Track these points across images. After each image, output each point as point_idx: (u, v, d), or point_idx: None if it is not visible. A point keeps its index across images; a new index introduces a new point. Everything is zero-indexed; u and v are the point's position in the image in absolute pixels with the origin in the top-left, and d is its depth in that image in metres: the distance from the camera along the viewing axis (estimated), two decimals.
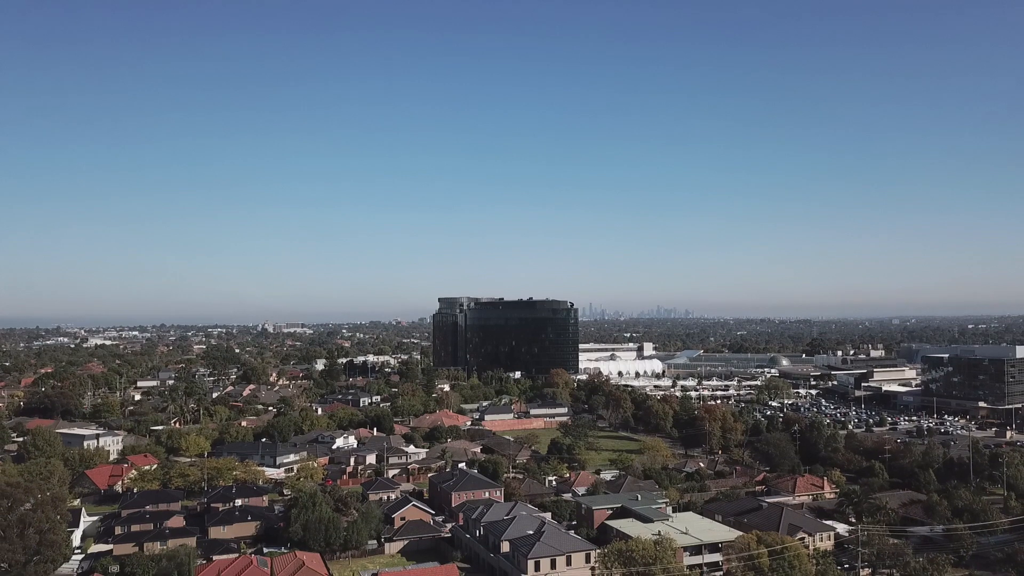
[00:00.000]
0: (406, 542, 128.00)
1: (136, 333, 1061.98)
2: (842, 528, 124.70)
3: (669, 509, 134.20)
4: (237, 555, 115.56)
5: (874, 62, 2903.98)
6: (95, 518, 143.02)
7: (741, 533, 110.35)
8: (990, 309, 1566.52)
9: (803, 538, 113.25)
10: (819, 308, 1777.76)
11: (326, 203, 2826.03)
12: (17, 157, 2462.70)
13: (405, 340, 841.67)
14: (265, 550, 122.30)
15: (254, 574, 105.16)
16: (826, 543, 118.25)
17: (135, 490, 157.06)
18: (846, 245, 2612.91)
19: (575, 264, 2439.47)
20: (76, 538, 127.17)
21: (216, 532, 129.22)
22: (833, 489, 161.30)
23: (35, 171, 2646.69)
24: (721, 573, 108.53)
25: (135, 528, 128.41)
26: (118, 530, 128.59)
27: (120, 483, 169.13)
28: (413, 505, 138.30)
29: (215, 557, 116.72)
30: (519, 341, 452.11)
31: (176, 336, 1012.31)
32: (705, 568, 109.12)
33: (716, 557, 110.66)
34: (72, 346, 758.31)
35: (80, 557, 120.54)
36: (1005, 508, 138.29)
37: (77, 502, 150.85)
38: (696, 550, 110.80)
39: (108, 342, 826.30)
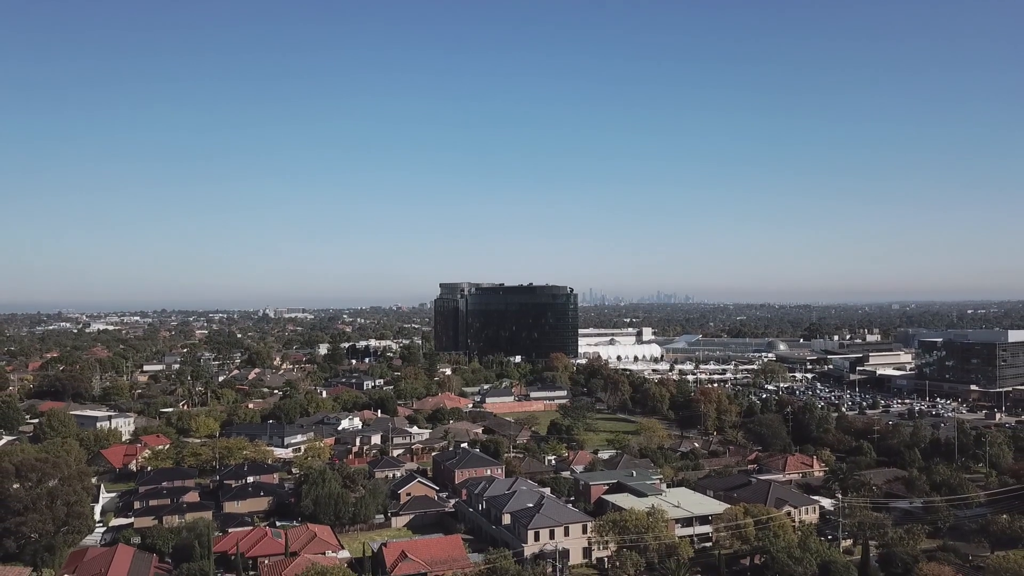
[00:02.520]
0: (412, 516, 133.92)
1: (137, 318, 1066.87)
2: (827, 503, 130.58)
3: (663, 485, 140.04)
4: (251, 527, 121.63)
5: (875, 50, 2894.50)
6: (113, 495, 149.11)
7: (730, 506, 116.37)
8: (991, 294, 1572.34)
9: (789, 511, 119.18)
10: (820, 293, 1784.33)
11: (325, 189, 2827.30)
12: (16, 144, 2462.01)
13: (406, 325, 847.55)
14: (278, 523, 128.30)
15: (269, 544, 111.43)
16: (811, 516, 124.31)
17: (149, 468, 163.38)
18: (847, 230, 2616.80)
19: (576, 250, 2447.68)
20: (96, 512, 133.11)
21: (231, 507, 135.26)
22: (822, 467, 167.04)
23: (34, 158, 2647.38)
24: (711, 544, 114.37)
25: (153, 503, 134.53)
26: (137, 505, 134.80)
27: (135, 462, 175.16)
28: (418, 481, 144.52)
29: (231, 530, 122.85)
30: (519, 326, 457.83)
31: (177, 321, 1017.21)
32: (696, 538, 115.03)
33: (706, 529, 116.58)
34: (75, 331, 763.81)
35: (102, 530, 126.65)
36: (986, 485, 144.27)
37: (95, 479, 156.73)
38: (687, 522, 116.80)
39: (110, 327, 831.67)
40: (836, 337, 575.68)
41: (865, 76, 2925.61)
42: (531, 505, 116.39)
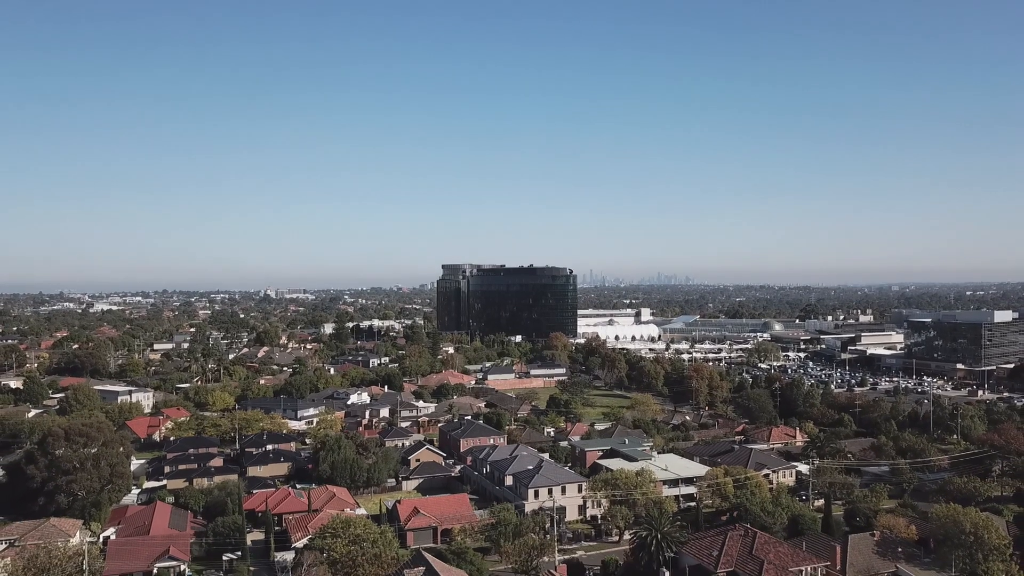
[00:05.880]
0: (421, 480, 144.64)
1: (139, 299, 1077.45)
2: (805, 468, 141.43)
3: (654, 452, 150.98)
4: (275, 489, 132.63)
5: (876, 36, 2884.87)
6: (142, 461, 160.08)
7: (711, 468, 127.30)
8: (990, 276, 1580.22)
9: (767, 474, 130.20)
10: (820, 275, 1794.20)
11: (325, 172, 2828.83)
12: (16, 128, 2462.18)
13: (407, 306, 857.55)
14: (297, 486, 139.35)
15: (293, 502, 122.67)
16: (788, 479, 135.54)
17: (173, 438, 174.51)
18: (848, 213, 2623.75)
19: (577, 232, 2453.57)
20: None
21: (254, 471, 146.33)
22: (805, 438, 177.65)
23: (35, 141, 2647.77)
24: (694, 503, 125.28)
25: (182, 467, 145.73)
26: (167, 469, 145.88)
27: (158, 433, 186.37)
28: (427, 448, 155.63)
29: (255, 491, 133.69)
30: (520, 306, 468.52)
31: (180, 302, 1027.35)
32: (681, 498, 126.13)
33: (691, 490, 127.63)
34: (79, 311, 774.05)
35: (137, 491, 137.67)
36: (954, 453, 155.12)
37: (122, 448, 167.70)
38: (674, 483, 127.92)
39: (114, 307, 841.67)
40: (830, 318, 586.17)
41: (867, 59, 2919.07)
42: (531, 467, 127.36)
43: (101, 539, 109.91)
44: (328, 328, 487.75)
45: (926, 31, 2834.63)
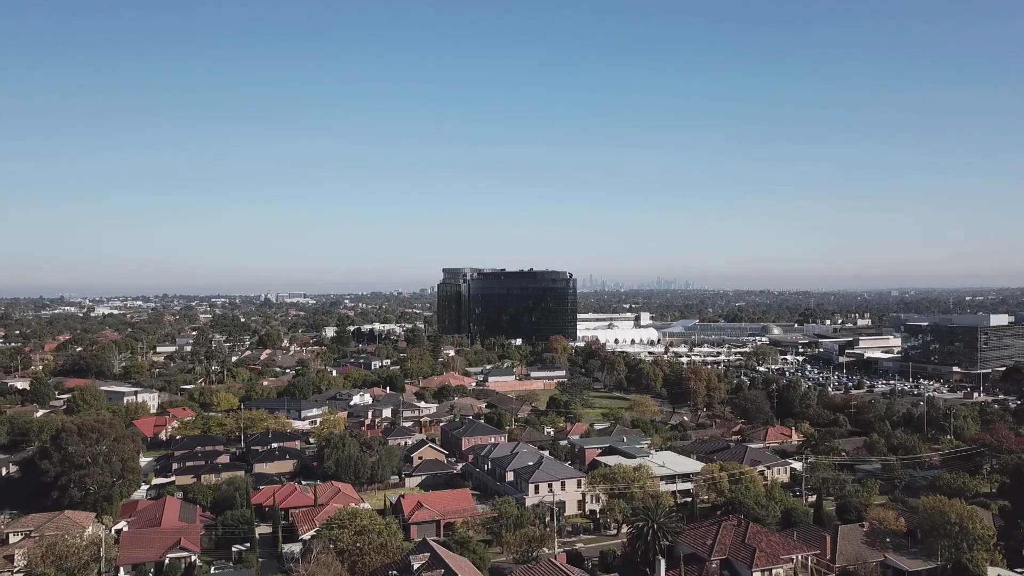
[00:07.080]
0: (423, 477, 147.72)
1: (140, 303, 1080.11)
2: (799, 465, 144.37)
3: (652, 449, 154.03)
4: (281, 485, 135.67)
5: (875, 36, 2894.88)
6: (149, 459, 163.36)
7: (707, 464, 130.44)
8: (989, 281, 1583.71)
9: (762, 470, 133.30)
10: (820, 280, 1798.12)
11: (325, 176, 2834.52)
12: (17, 131, 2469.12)
13: (408, 310, 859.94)
14: (303, 482, 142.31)
15: (299, 497, 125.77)
16: (782, 475, 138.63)
17: (179, 436, 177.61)
18: (848, 218, 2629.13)
19: (577, 236, 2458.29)
20: None
21: (260, 468, 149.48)
22: (800, 438, 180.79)
23: (36, 145, 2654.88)
24: (691, 499, 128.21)
25: (190, 464, 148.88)
26: (175, 466, 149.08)
27: (164, 432, 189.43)
28: (429, 446, 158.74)
29: (262, 487, 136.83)
30: (520, 310, 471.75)
31: (180, 306, 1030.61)
32: (678, 493, 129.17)
33: (688, 486, 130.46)
34: (80, 315, 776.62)
35: (146, 487, 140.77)
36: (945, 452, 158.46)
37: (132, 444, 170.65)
38: (671, 479, 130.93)
39: (115, 311, 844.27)
40: (828, 322, 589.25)
41: (866, 63, 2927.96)
42: (532, 464, 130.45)
43: (113, 532, 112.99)
44: (329, 331, 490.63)
45: (927, 35, 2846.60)
